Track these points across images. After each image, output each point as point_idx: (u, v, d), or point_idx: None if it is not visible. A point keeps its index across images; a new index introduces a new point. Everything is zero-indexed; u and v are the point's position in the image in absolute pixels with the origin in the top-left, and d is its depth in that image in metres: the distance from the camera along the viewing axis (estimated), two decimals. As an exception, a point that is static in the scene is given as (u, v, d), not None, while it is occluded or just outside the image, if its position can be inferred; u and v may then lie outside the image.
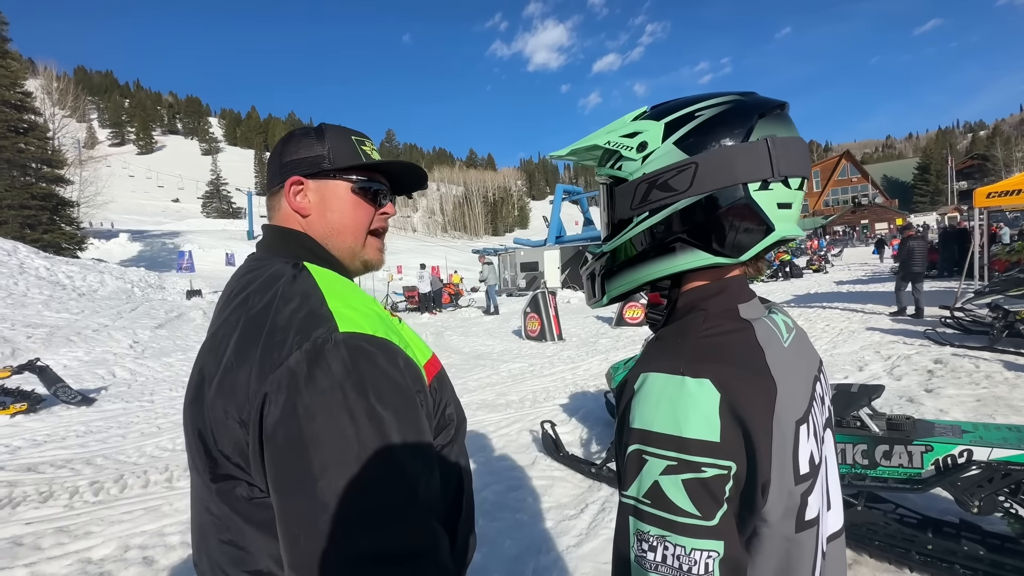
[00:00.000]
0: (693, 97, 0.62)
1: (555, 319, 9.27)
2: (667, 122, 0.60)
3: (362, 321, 0.62)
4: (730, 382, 0.51)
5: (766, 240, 0.58)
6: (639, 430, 0.52)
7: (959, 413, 3.95)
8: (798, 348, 0.65)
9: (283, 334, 0.59)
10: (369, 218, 0.81)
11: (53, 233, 20.89)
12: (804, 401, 0.58)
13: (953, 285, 9.95)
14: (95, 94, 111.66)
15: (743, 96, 0.60)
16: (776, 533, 0.54)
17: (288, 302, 0.63)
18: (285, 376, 0.56)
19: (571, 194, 30.42)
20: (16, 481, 3.55)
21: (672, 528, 0.49)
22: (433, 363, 0.74)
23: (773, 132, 0.57)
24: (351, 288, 0.70)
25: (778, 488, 0.52)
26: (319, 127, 0.80)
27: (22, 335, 8.20)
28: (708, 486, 0.49)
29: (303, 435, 0.54)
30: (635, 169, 0.61)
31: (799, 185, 0.59)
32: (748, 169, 0.56)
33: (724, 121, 0.57)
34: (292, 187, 0.77)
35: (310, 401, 0.55)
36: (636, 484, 0.52)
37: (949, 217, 35.11)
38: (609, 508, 2.89)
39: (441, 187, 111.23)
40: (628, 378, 0.58)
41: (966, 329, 6.77)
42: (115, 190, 43.86)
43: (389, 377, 0.59)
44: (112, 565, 2.54)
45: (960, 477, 2.06)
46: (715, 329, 0.57)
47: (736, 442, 0.50)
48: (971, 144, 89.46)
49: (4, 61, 21.77)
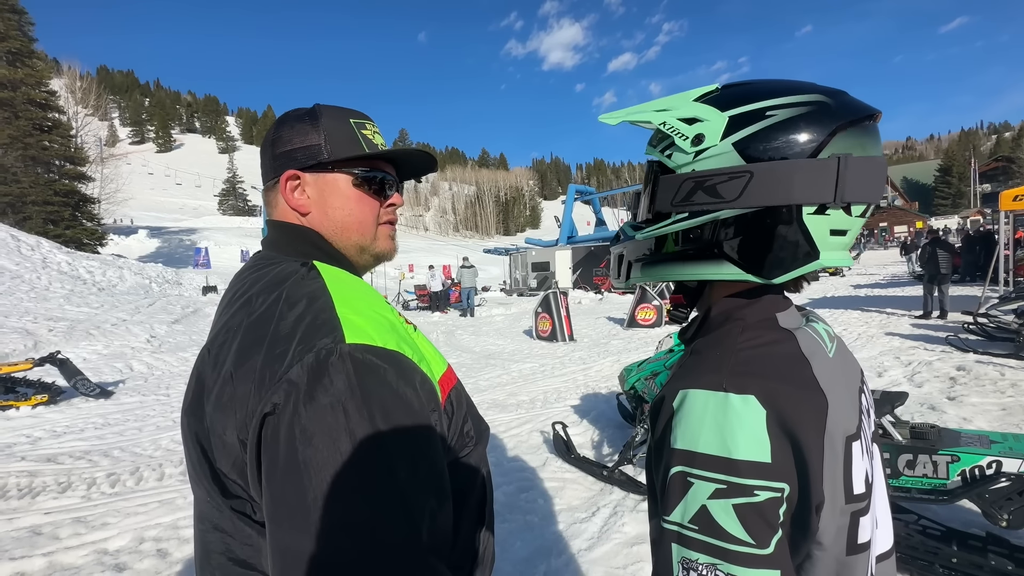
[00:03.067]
0: (770, 86, 0.54)
1: (566, 319, 9.23)
2: (732, 116, 0.53)
3: (372, 331, 0.56)
4: (777, 398, 0.48)
5: (807, 267, 0.53)
6: (683, 451, 0.49)
7: (983, 422, 3.84)
8: (842, 358, 0.61)
9: (285, 343, 0.54)
10: (375, 212, 0.74)
11: (75, 229, 21.43)
12: (854, 415, 0.55)
13: (976, 290, 9.70)
14: (116, 93, 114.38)
15: (830, 98, 0.52)
16: (830, 556, 0.51)
17: (293, 306, 0.57)
18: (283, 392, 0.50)
19: (583, 194, 30.35)
20: (36, 471, 3.63)
21: (724, 556, 0.45)
22: (448, 377, 0.66)
23: (851, 149, 0.50)
24: (363, 291, 0.63)
25: (831, 509, 0.49)
26: (313, 109, 0.72)
27: (44, 328, 8.40)
28: (761, 511, 0.46)
29: (297, 459, 0.48)
30: (685, 162, 0.55)
31: (862, 212, 0.52)
32: (808, 190, 0.50)
33: (796, 128, 0.50)
34: (288, 183, 0.70)
35: (307, 421, 0.49)
36: (680, 508, 0.48)
37: (972, 220, 34.31)
38: (621, 512, 2.85)
39: (453, 186, 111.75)
40: (665, 395, 0.54)
41: (990, 336, 6.58)
42: (134, 187, 44.83)
43: (399, 396, 0.53)
44: (127, 556, 2.57)
45: (988, 489, 1.99)
46: (756, 340, 0.54)
47: (787, 462, 0.47)
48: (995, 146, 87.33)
49: (30, 61, 22.40)
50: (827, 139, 0.50)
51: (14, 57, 21.68)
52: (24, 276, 11.69)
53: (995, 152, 75.76)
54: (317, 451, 0.48)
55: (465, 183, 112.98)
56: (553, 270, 22.18)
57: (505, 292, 23.93)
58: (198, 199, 78.65)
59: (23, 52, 22.12)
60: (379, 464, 0.49)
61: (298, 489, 0.48)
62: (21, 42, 22.03)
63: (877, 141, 0.53)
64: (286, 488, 0.49)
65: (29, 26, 23.19)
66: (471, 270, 15.27)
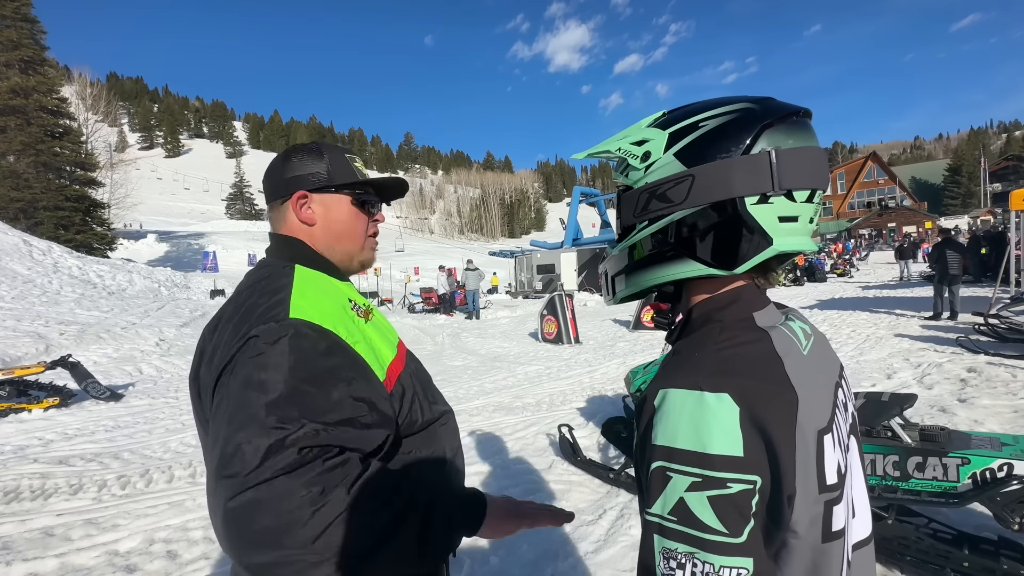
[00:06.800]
0: (705, 104, 0.61)
1: (572, 322, 9.22)
2: (671, 132, 0.60)
3: (313, 313, 0.77)
4: (749, 395, 0.51)
5: (763, 254, 0.57)
6: (662, 447, 0.52)
7: (995, 424, 3.79)
8: (818, 354, 0.64)
9: (252, 315, 0.76)
10: (365, 226, 0.95)
11: (85, 234, 21.70)
12: (827, 410, 0.58)
13: (987, 291, 9.58)
14: (126, 99, 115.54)
15: (755, 104, 0.59)
16: (805, 544, 0.53)
17: (263, 295, 0.79)
18: (242, 341, 0.73)
19: (588, 196, 30.34)
20: (48, 473, 3.68)
21: (700, 545, 0.48)
22: (397, 363, 0.87)
23: (780, 143, 0.56)
24: (321, 288, 0.83)
25: (804, 500, 0.52)
26: (317, 146, 0.92)
27: (55, 332, 8.50)
28: (735, 502, 0.49)
29: (240, 376, 0.70)
30: (639, 178, 0.62)
31: (808, 198, 0.57)
32: (746, 183, 0.55)
33: (726, 132, 0.57)
34: (298, 200, 0.88)
35: (250, 356, 0.71)
36: (661, 501, 0.51)
37: (982, 220, 33.92)
38: (628, 515, 2.84)
39: (458, 189, 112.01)
40: (647, 394, 0.57)
41: (1002, 337, 6.49)
42: (143, 192, 45.24)
43: (313, 351, 0.73)
44: (138, 558, 2.60)
45: (1000, 492, 1.97)
46: (732, 340, 0.57)
47: (760, 456, 0.50)
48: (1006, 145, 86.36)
49: (42, 69, 22.77)
50: (756, 137, 0.56)
51: (26, 65, 22.03)
52: (36, 280, 11.84)
53: (1005, 151, 74.82)
54: (250, 372, 0.70)
55: (470, 186, 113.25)
56: (558, 272, 22.15)
57: (510, 294, 23.93)
58: (206, 204, 79.45)
59: (35, 60, 22.48)
60: (272, 384, 0.69)
61: (241, 394, 0.69)
62: (33, 50, 22.39)
63: (810, 134, 0.58)
64: (232, 392, 0.70)
65: (41, 34, 23.57)
66: (475, 273, 15.28)
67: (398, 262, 37.72)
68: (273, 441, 0.65)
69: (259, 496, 0.62)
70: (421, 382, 0.93)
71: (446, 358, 8.69)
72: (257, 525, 0.62)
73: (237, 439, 0.65)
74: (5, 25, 21.54)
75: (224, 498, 0.63)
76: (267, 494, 0.62)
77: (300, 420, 0.67)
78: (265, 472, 0.63)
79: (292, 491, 0.63)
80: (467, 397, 5.71)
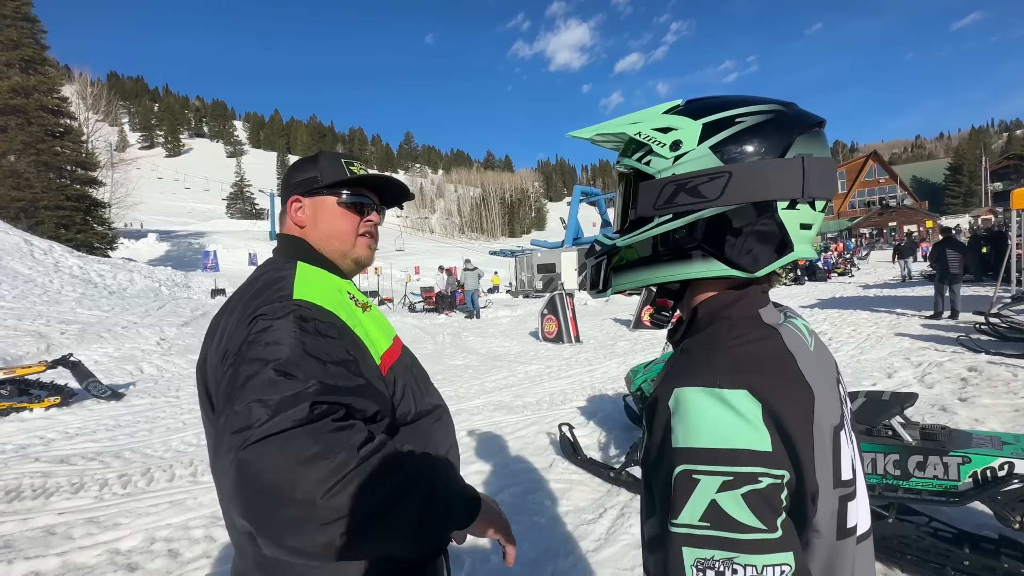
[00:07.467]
0: (731, 99, 0.60)
1: (572, 321, 9.22)
2: (705, 123, 0.57)
3: (314, 295, 0.82)
4: (767, 392, 0.50)
5: (783, 259, 0.57)
6: (684, 449, 0.49)
7: (996, 424, 3.79)
8: (820, 352, 0.64)
9: (260, 298, 0.82)
10: (355, 225, 0.98)
11: (86, 233, 21.72)
12: (837, 405, 0.58)
13: (988, 290, 9.57)
14: (126, 99, 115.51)
15: (785, 107, 0.58)
16: (824, 542, 0.53)
17: (267, 284, 0.85)
18: (252, 317, 0.78)
19: (589, 196, 30.33)
20: (50, 472, 3.68)
21: (739, 548, 0.45)
22: (392, 352, 0.91)
23: (810, 151, 0.56)
24: (320, 281, 0.88)
25: (824, 496, 0.52)
26: (316, 155, 0.99)
27: (56, 331, 8.51)
28: (766, 497, 0.47)
29: (237, 357, 0.74)
30: (664, 167, 0.59)
31: (823, 208, 0.58)
32: (781, 187, 0.55)
33: (764, 132, 0.56)
34: (292, 204, 0.97)
35: (260, 330, 0.75)
36: (689, 508, 0.47)
37: (983, 219, 33.87)
38: (628, 513, 2.85)
39: (459, 188, 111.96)
40: (658, 396, 0.55)
41: (1002, 336, 6.49)
42: (144, 192, 45.25)
43: (314, 328, 0.77)
44: (139, 556, 2.60)
45: (1001, 491, 1.97)
46: (743, 338, 0.56)
47: (784, 452, 0.49)
48: (1007, 144, 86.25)
49: (43, 68, 22.78)
50: (792, 140, 0.56)
51: (27, 65, 22.05)
52: (37, 280, 11.86)
53: (1006, 150, 74.62)
54: (257, 345, 0.73)
55: (471, 185, 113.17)
56: (559, 271, 22.16)
57: (511, 294, 23.94)
58: (206, 203, 79.38)
59: (36, 60, 22.50)
60: (279, 351, 0.72)
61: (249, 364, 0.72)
62: (34, 50, 22.42)
63: (826, 145, 0.59)
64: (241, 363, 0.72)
65: (41, 34, 23.58)
66: (474, 272, 15.30)
67: (398, 261, 37.73)
68: (285, 395, 0.67)
69: (271, 447, 0.62)
70: (416, 376, 0.96)
71: (447, 357, 8.70)
72: (269, 475, 0.61)
73: (247, 398, 0.67)
74: (6, 24, 21.56)
75: (235, 449, 0.64)
76: (278, 445, 0.63)
77: (308, 380, 0.69)
78: (279, 424, 0.64)
79: (305, 445, 0.63)
80: (467, 396, 5.71)
